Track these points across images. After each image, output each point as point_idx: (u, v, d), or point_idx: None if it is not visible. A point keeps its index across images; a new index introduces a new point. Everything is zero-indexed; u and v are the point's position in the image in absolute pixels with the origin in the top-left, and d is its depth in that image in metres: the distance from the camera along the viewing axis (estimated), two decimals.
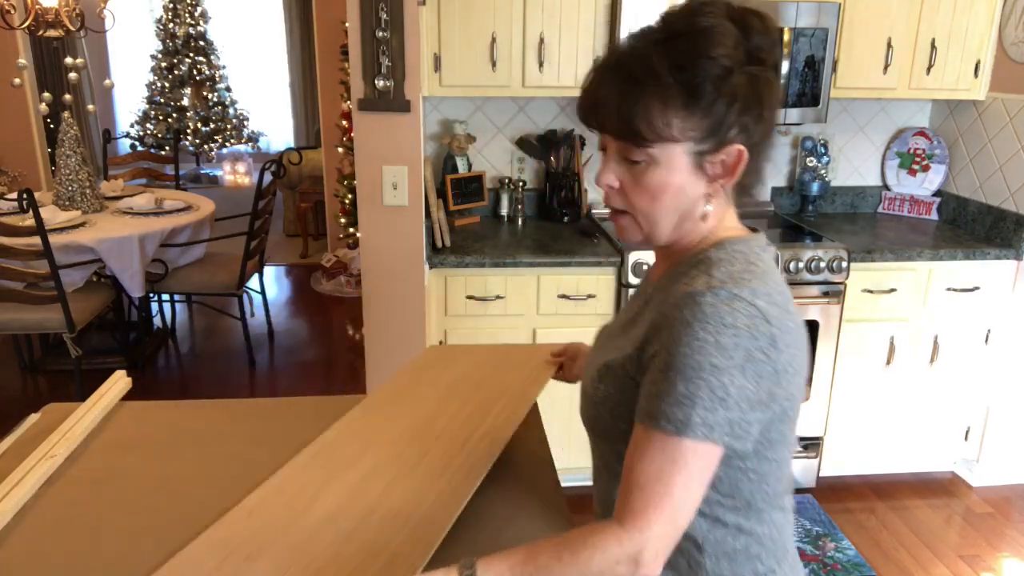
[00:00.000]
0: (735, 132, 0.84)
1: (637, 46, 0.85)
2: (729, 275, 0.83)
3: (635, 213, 0.89)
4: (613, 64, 0.86)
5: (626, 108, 0.83)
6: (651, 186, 0.86)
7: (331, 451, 1.14)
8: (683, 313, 0.81)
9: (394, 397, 1.32)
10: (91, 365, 3.56)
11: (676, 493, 0.79)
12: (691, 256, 0.90)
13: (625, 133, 0.84)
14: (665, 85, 0.81)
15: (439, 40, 2.42)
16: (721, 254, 0.88)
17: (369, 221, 2.32)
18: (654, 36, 0.84)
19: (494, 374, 1.39)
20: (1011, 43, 2.62)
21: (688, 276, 0.86)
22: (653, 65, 0.82)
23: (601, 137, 0.90)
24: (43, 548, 0.98)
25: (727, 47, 0.82)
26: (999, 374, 2.74)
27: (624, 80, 0.83)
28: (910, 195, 3.06)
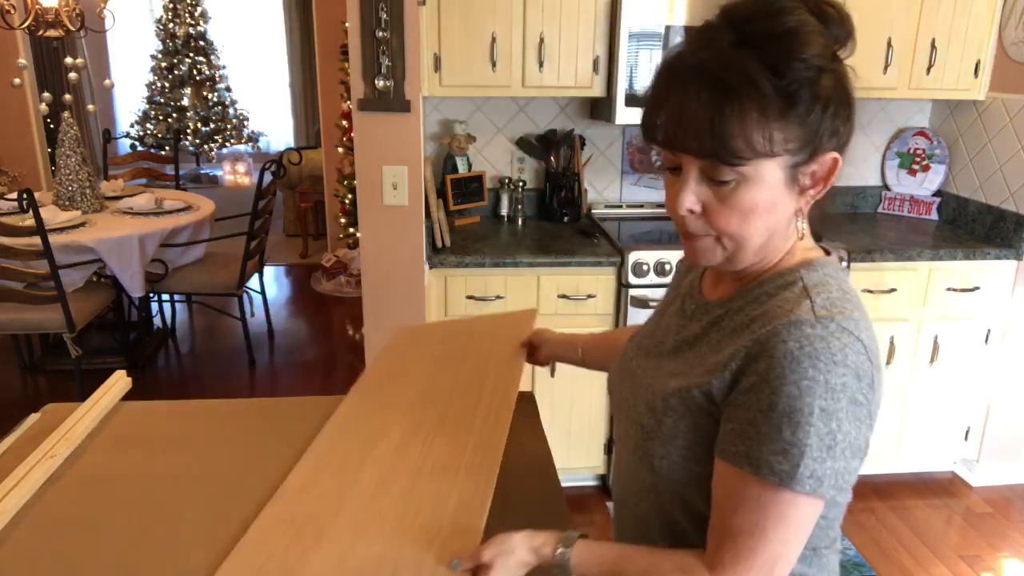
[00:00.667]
0: (827, 138, 0.77)
1: (721, 51, 0.74)
2: (831, 303, 0.76)
3: (720, 236, 0.80)
4: (693, 74, 0.74)
5: (722, 123, 0.72)
6: (742, 207, 0.77)
7: (353, 427, 1.18)
8: (789, 345, 0.73)
9: (387, 375, 1.36)
10: (91, 365, 3.56)
11: (773, 549, 0.73)
12: (775, 276, 0.82)
13: (718, 151, 0.73)
14: (764, 94, 0.72)
15: (439, 40, 2.42)
16: (815, 277, 0.80)
17: (369, 221, 2.32)
18: (729, 38, 0.75)
19: (473, 342, 1.43)
20: (1011, 43, 2.62)
21: (780, 300, 0.78)
22: (749, 71, 0.72)
23: (673, 157, 0.79)
24: (43, 548, 0.98)
25: (818, 46, 0.74)
26: (999, 374, 2.74)
27: (716, 91, 0.72)
28: (910, 195, 3.06)
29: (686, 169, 0.78)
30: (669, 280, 1.10)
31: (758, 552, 0.73)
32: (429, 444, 1.09)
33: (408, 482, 1.00)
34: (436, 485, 0.98)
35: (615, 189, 3.04)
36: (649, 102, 0.79)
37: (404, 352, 1.45)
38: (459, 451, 1.06)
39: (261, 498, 1.07)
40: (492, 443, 1.06)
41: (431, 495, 0.96)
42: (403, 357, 1.43)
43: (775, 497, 0.73)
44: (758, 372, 0.75)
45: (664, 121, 0.76)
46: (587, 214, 2.96)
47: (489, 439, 1.08)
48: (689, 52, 0.76)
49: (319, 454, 1.11)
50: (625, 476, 0.98)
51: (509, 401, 1.18)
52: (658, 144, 0.78)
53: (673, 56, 0.78)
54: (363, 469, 1.05)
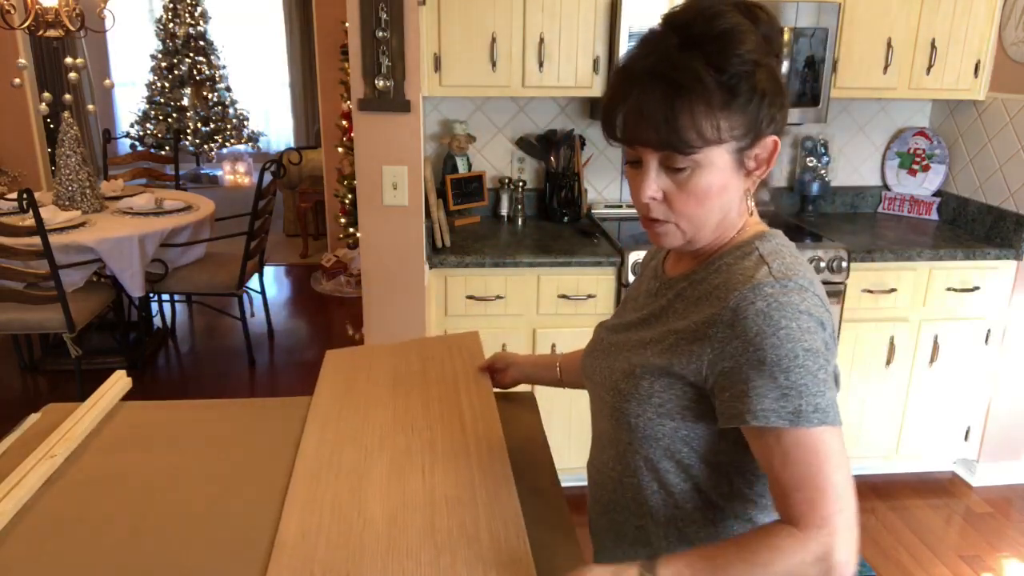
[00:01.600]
0: (766, 124, 0.86)
1: (668, 54, 0.84)
2: (786, 267, 0.86)
3: (678, 220, 0.89)
4: (646, 75, 0.84)
5: (674, 117, 0.82)
6: (697, 191, 0.86)
7: (329, 461, 1.12)
8: (757, 305, 0.82)
9: (341, 404, 1.30)
10: (91, 365, 3.56)
11: (835, 480, 0.79)
12: (732, 249, 0.91)
13: (673, 142, 0.83)
14: (708, 89, 0.81)
15: (439, 40, 2.42)
16: (768, 247, 0.90)
17: (369, 221, 2.32)
18: (674, 41, 0.84)
19: (429, 366, 1.41)
20: (1011, 43, 2.62)
21: (740, 268, 0.88)
22: (696, 70, 0.81)
23: (633, 151, 0.88)
24: (43, 548, 0.98)
25: (752, 43, 0.83)
26: (999, 374, 2.74)
27: (667, 89, 0.82)
28: (910, 195, 3.06)
29: (646, 161, 0.87)
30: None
31: (827, 489, 0.78)
32: (429, 475, 1.05)
33: (424, 518, 0.96)
34: (459, 519, 0.95)
35: (615, 189, 3.04)
36: (607, 103, 0.88)
37: (347, 378, 1.39)
38: (467, 483, 1.03)
39: (261, 498, 1.07)
40: (499, 474, 1.04)
41: (456, 530, 0.93)
42: (348, 383, 1.37)
43: (806, 436, 0.79)
44: (737, 335, 0.83)
45: (623, 119, 0.86)
46: (587, 214, 2.96)
47: (492, 469, 1.06)
48: (639, 57, 0.86)
49: (303, 496, 1.04)
50: (600, 445, 1.06)
51: (496, 427, 1.17)
52: (619, 141, 0.88)
53: (626, 61, 0.88)
54: (365, 507, 1.00)
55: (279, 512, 1.01)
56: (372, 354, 1.50)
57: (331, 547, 0.93)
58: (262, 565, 0.92)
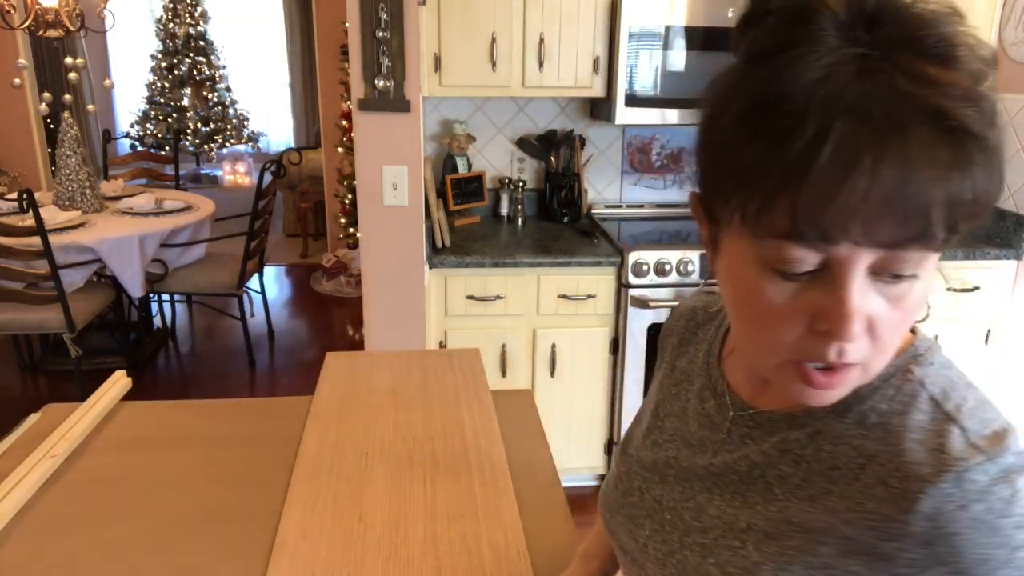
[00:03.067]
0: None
1: (939, 86, 0.47)
2: (984, 423, 0.52)
3: (872, 358, 0.53)
4: (914, 122, 0.46)
5: (956, 196, 0.48)
6: (912, 309, 0.52)
7: (330, 465, 1.13)
8: (972, 511, 0.49)
9: (340, 408, 1.31)
10: (91, 365, 3.56)
11: None
12: (871, 385, 0.56)
13: (929, 230, 0.48)
14: (986, 149, 0.48)
15: (439, 40, 2.42)
16: (934, 378, 0.56)
17: (369, 221, 2.32)
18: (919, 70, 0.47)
19: (429, 378, 1.41)
20: (1011, 43, 2.62)
21: (912, 429, 0.53)
22: (986, 116, 0.48)
23: (809, 251, 0.49)
24: (43, 548, 0.98)
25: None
26: (999, 374, 2.74)
27: (957, 150, 0.47)
28: None
29: (844, 267, 0.49)
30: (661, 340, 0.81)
31: None
32: (431, 486, 1.06)
33: (425, 529, 0.97)
34: (460, 532, 0.96)
35: (615, 189, 3.04)
36: (827, 177, 0.46)
37: (347, 383, 1.40)
38: (468, 496, 1.03)
39: (261, 499, 1.07)
40: (501, 489, 1.04)
41: (458, 543, 0.94)
42: (349, 388, 1.38)
43: None
44: (943, 561, 0.50)
45: (862, 201, 0.46)
46: (587, 214, 2.96)
47: (494, 484, 1.06)
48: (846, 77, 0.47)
49: (304, 497, 1.04)
50: None
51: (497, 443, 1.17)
52: (848, 239, 0.48)
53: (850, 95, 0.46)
54: (366, 513, 1.00)
55: (279, 513, 1.01)
56: (372, 361, 1.50)
57: (332, 550, 0.93)
58: (262, 566, 0.92)
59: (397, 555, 0.92)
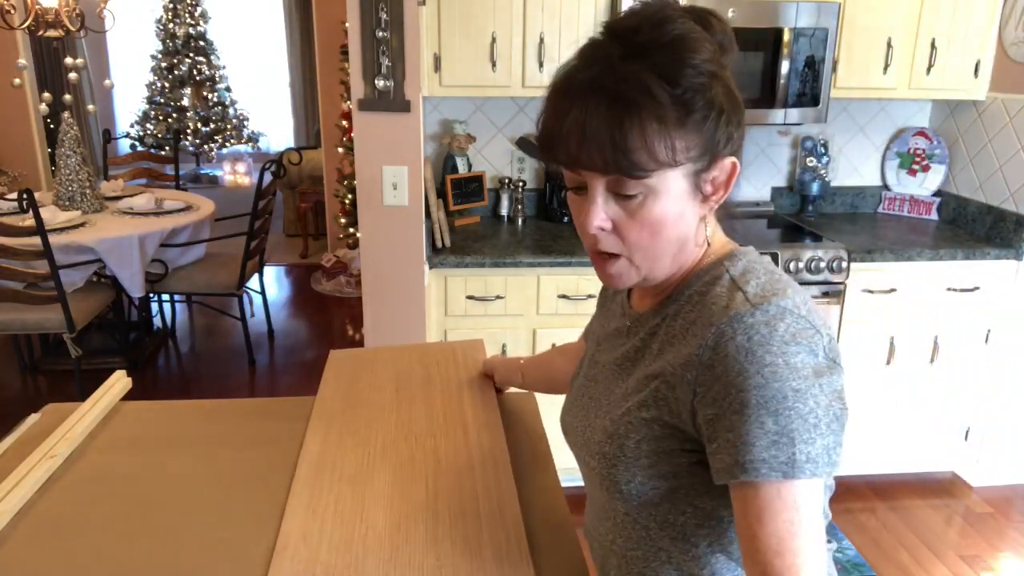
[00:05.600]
0: (723, 144, 0.77)
1: (612, 65, 0.73)
2: (763, 288, 0.76)
3: (631, 253, 0.79)
4: (589, 90, 0.73)
5: (623, 137, 0.72)
6: (651, 220, 0.77)
7: (332, 463, 1.13)
8: (737, 340, 0.72)
9: (344, 405, 1.30)
10: (91, 365, 3.56)
11: (810, 541, 0.69)
12: (700, 274, 0.82)
13: (622, 165, 0.73)
14: (661, 103, 0.72)
15: (439, 40, 2.42)
16: (739, 267, 0.80)
17: (369, 221, 2.32)
18: (618, 52, 0.74)
19: (432, 371, 1.41)
20: (1011, 43, 2.62)
21: (712, 297, 0.78)
22: (645, 81, 0.72)
23: (576, 175, 0.78)
24: (43, 548, 0.98)
25: (707, 52, 0.74)
26: (999, 374, 2.74)
27: (614, 104, 0.72)
28: (910, 195, 3.06)
29: (592, 187, 0.77)
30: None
31: (803, 550, 0.69)
32: (433, 485, 1.05)
33: (427, 528, 0.97)
34: (462, 532, 0.95)
35: None
36: (546, 123, 0.78)
37: (350, 380, 1.39)
38: (470, 495, 1.03)
39: (262, 499, 1.07)
40: (503, 488, 1.04)
41: (459, 543, 0.93)
42: (352, 386, 1.37)
43: (788, 491, 0.69)
44: (717, 377, 0.72)
45: (564, 140, 0.75)
46: None
47: (496, 483, 1.05)
48: (579, 69, 0.76)
49: (306, 497, 1.04)
50: (596, 514, 0.96)
51: (500, 440, 1.17)
52: (561, 164, 0.77)
53: (563, 75, 0.77)
54: (368, 513, 1.00)
55: (280, 514, 1.01)
56: (375, 357, 1.50)
57: (334, 551, 0.93)
58: (263, 567, 0.92)
59: (398, 555, 0.92)
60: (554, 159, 0.77)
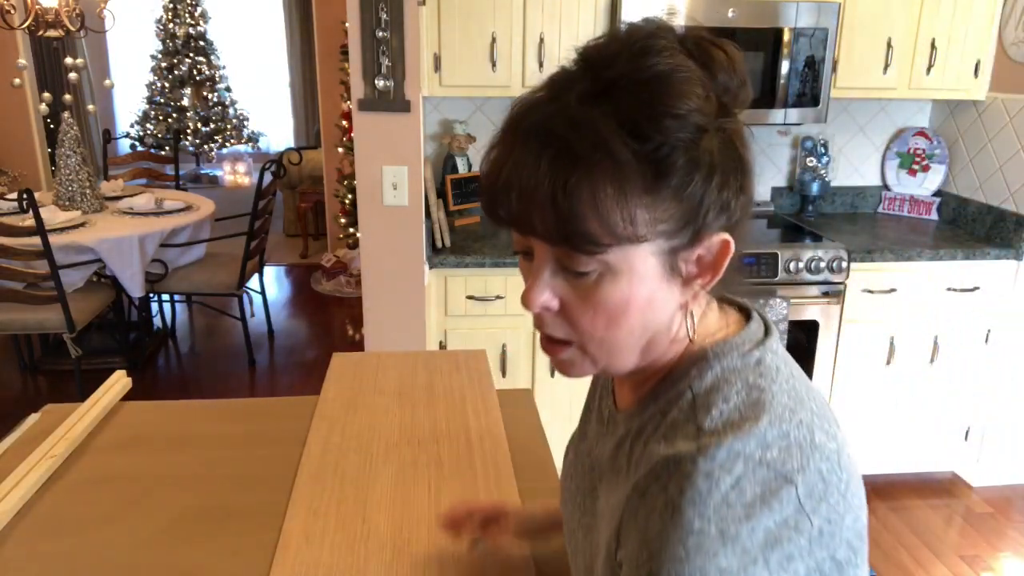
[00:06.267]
0: (715, 215, 0.59)
1: (566, 104, 0.57)
2: (727, 416, 0.58)
3: (583, 342, 0.62)
4: (535, 135, 0.57)
5: (568, 201, 0.55)
6: (608, 305, 0.59)
7: (334, 467, 1.13)
8: (669, 491, 0.55)
9: (346, 409, 1.31)
10: (91, 365, 3.56)
11: None
12: (668, 383, 0.64)
13: (569, 237, 0.57)
14: (619, 163, 0.55)
15: (439, 40, 2.42)
16: (709, 378, 0.61)
17: (369, 221, 2.32)
18: (583, 88, 0.57)
19: (435, 379, 1.41)
20: (1011, 43, 2.62)
21: (667, 422, 0.61)
22: (601, 133, 0.55)
23: (522, 239, 0.62)
24: (43, 548, 0.98)
25: (697, 97, 0.57)
26: (999, 374, 2.74)
27: (557, 159, 0.56)
28: (910, 195, 3.06)
29: (538, 255, 0.62)
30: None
31: None
32: (435, 490, 1.06)
33: (429, 532, 0.96)
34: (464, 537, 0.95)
35: None
36: (487, 169, 0.61)
37: (353, 383, 1.40)
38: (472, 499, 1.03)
39: (263, 499, 1.07)
40: (506, 494, 1.04)
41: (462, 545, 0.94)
42: (354, 389, 1.38)
43: None
44: (638, 529, 0.57)
45: (504, 192, 0.59)
46: None
47: (499, 489, 1.06)
48: (537, 105, 0.59)
49: (308, 498, 1.04)
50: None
51: (503, 447, 1.17)
52: (502, 224, 0.61)
53: (519, 108, 0.60)
54: (370, 516, 1.00)
55: (282, 514, 1.01)
56: (378, 362, 1.50)
57: (336, 552, 0.93)
58: (265, 567, 0.92)
59: (400, 559, 0.92)
60: (493, 215, 0.61)
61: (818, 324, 2.59)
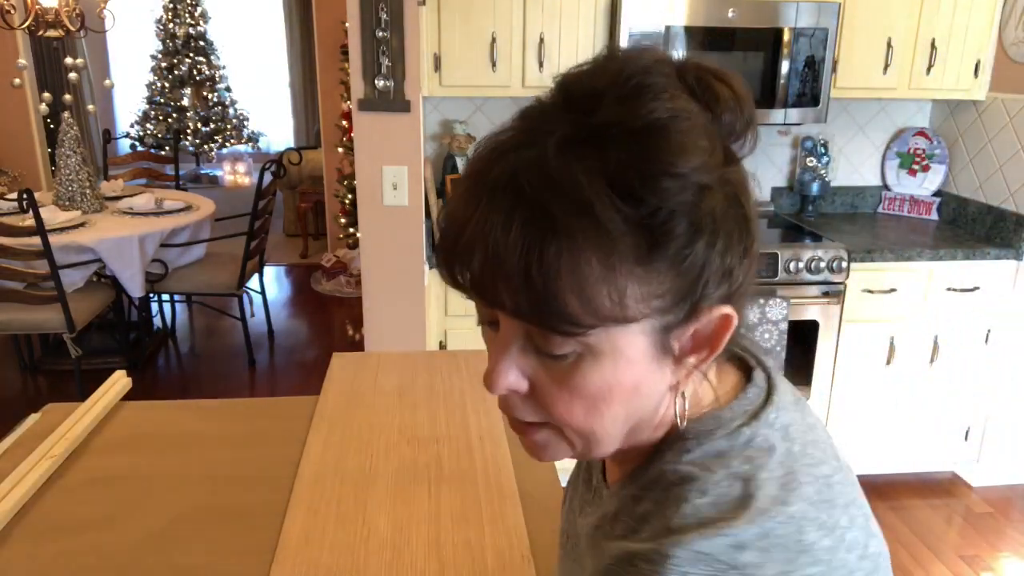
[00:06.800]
0: (715, 285, 0.49)
1: (542, 154, 0.46)
2: (699, 515, 0.49)
3: (561, 426, 0.53)
4: (503, 185, 0.46)
5: (543, 274, 0.45)
6: (586, 391, 0.50)
7: (335, 466, 1.13)
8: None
9: (347, 408, 1.31)
10: (91, 365, 3.56)
11: None
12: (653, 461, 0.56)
13: (543, 316, 0.46)
14: (606, 232, 0.44)
15: (439, 40, 2.42)
16: (686, 467, 0.52)
17: (369, 221, 2.32)
18: (563, 134, 0.47)
19: (436, 380, 1.41)
20: (1011, 43, 2.62)
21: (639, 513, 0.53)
22: (585, 194, 0.44)
23: (487, 308, 0.51)
24: (43, 548, 0.98)
25: (701, 152, 0.47)
26: (999, 374, 2.74)
27: (533, 223, 0.45)
28: (910, 195, 3.06)
29: (505, 330, 0.51)
30: None
31: None
32: (435, 490, 1.06)
33: (429, 533, 0.97)
34: (464, 536, 0.95)
35: None
36: (445, 222, 0.50)
37: (353, 383, 1.40)
38: (473, 500, 1.03)
39: (263, 500, 1.07)
40: (506, 494, 1.04)
41: (461, 547, 0.93)
42: (355, 389, 1.38)
43: None
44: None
45: (465, 258, 0.48)
46: None
47: (499, 488, 1.06)
48: (507, 149, 0.49)
49: (308, 498, 1.04)
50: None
51: (503, 447, 1.17)
52: (462, 291, 0.50)
53: (485, 151, 0.50)
54: (370, 516, 1.00)
55: (281, 515, 1.01)
56: (379, 362, 1.50)
57: (335, 553, 0.93)
58: (265, 568, 0.92)
59: (400, 559, 0.92)
60: (451, 279, 0.50)
61: (818, 324, 2.59)
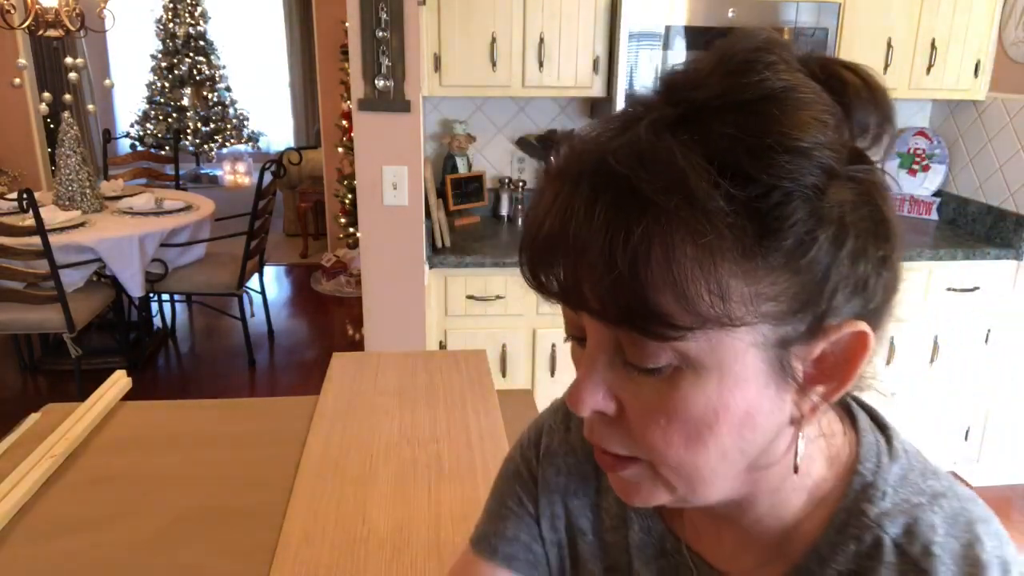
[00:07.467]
0: (845, 296, 0.43)
1: (633, 137, 0.41)
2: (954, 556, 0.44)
3: (656, 461, 0.45)
4: (588, 171, 0.41)
5: (631, 263, 0.39)
6: (687, 415, 0.42)
7: (335, 465, 1.13)
8: None
9: (346, 408, 1.32)
10: (91, 365, 3.56)
11: None
12: (835, 529, 0.47)
13: (630, 313, 0.40)
14: (707, 211, 0.38)
15: (439, 40, 2.42)
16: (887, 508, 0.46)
17: (369, 221, 2.32)
18: (657, 116, 0.41)
19: (435, 380, 1.42)
20: (1011, 43, 2.62)
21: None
22: (677, 167, 0.39)
23: (574, 316, 0.47)
24: (43, 548, 0.98)
25: (824, 127, 0.41)
26: (999, 374, 2.74)
27: (618, 203, 0.39)
28: (910, 195, 3.06)
29: (592, 340, 0.46)
30: None
31: None
32: (435, 490, 1.06)
33: (429, 532, 0.97)
34: (464, 536, 0.96)
35: None
36: (527, 220, 0.45)
37: (353, 383, 1.41)
38: (473, 500, 1.03)
39: (263, 499, 1.07)
40: None
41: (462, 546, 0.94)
42: (354, 389, 1.39)
43: None
44: None
45: (548, 255, 0.43)
46: None
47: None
48: (596, 140, 0.43)
49: (308, 498, 1.05)
50: None
51: (503, 445, 1.18)
52: (549, 297, 0.45)
53: (572, 146, 0.44)
54: (370, 516, 1.00)
55: (282, 514, 1.01)
56: (378, 362, 1.51)
57: (335, 552, 0.93)
58: (265, 567, 0.92)
59: (400, 558, 0.92)
60: (537, 283, 0.45)
61: None
